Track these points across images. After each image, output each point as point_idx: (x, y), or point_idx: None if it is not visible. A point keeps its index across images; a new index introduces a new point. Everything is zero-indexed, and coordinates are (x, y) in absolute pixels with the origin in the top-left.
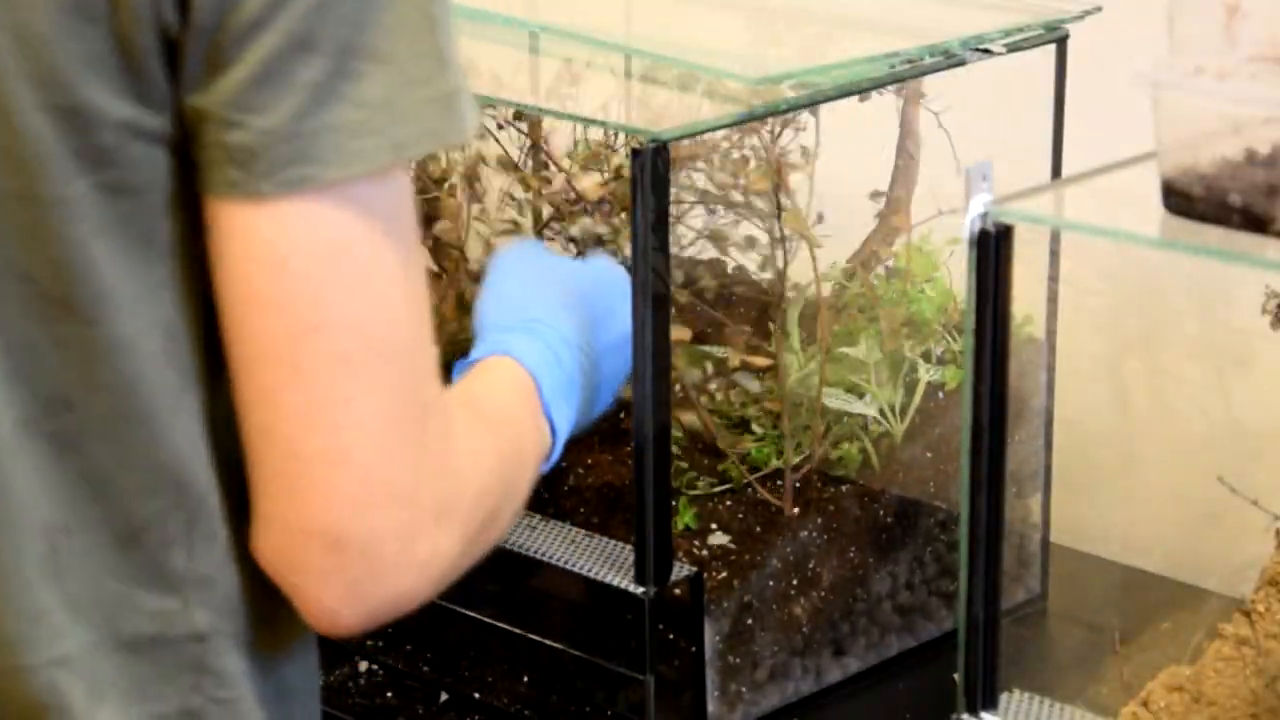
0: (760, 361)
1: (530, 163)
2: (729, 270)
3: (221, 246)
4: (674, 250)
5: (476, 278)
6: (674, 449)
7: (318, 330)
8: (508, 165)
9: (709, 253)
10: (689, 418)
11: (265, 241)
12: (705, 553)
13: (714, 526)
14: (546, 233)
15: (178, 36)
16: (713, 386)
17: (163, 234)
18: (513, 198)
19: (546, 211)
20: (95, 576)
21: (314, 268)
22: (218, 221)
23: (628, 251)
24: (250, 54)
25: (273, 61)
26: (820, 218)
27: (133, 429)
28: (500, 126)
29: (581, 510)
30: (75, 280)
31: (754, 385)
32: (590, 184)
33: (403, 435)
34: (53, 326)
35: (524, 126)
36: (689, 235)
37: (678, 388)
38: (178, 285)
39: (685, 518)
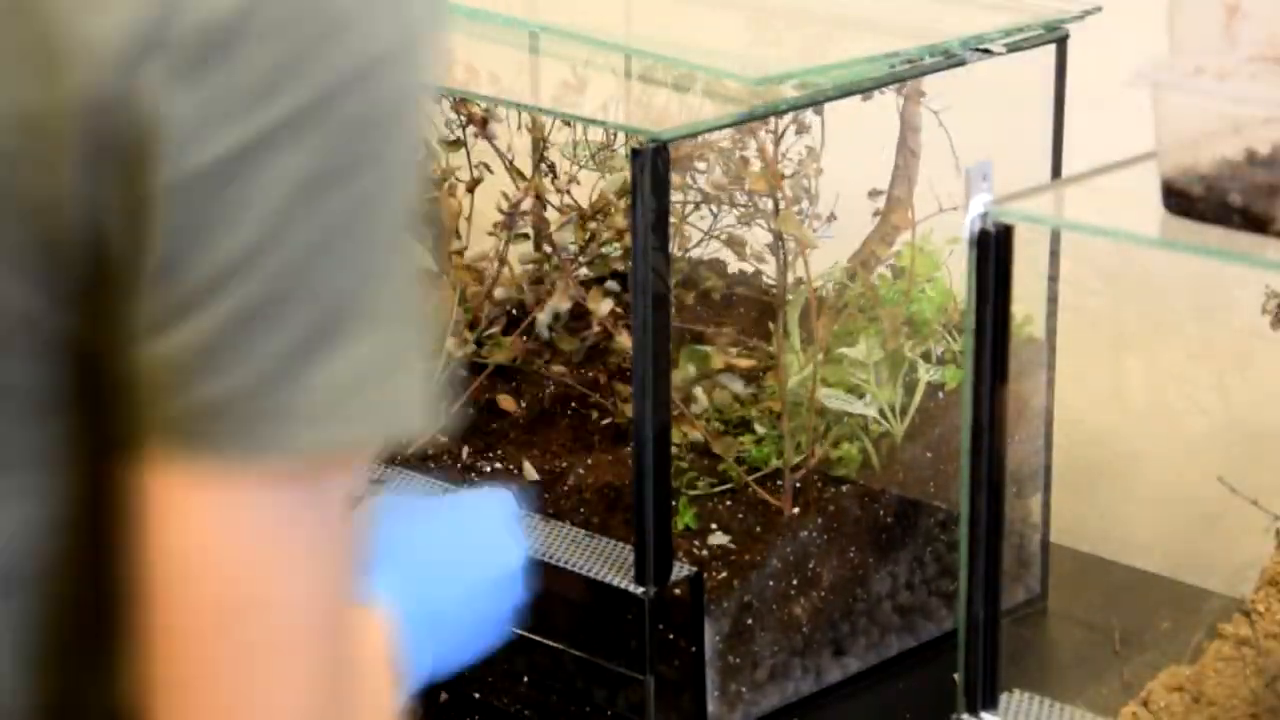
0: (744, 364)
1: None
2: (729, 271)
3: (149, 507)
4: (677, 252)
5: (477, 277)
6: (674, 449)
7: (238, 616)
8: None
9: (707, 252)
10: (684, 424)
11: (197, 514)
12: (705, 553)
13: (714, 526)
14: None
15: (123, 252)
16: (699, 390)
17: (20, 441)
18: (507, 198)
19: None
20: None
21: (244, 552)
22: (148, 479)
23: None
24: (220, 308)
25: (236, 323)
26: (832, 217)
27: None
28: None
29: (581, 510)
30: None
31: (738, 386)
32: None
33: (315, 710)
34: None
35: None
36: (692, 236)
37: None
38: (27, 504)
39: (685, 518)
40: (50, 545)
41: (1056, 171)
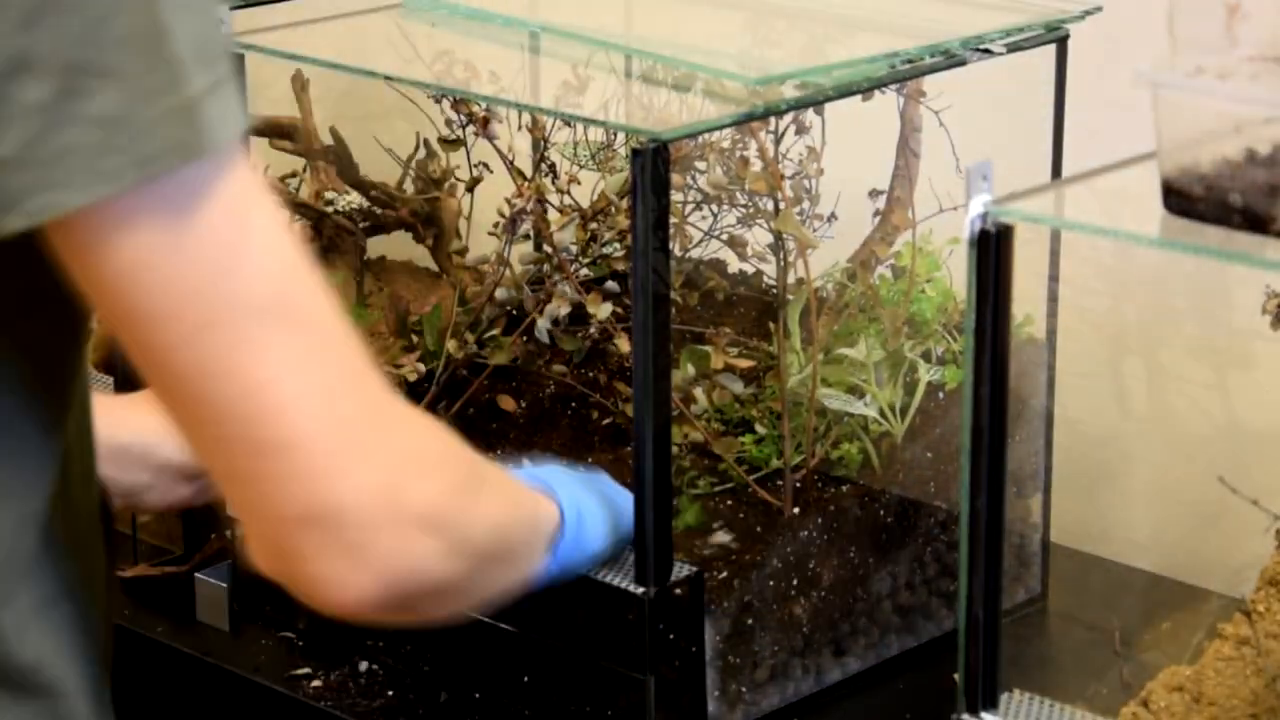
0: (744, 364)
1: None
2: (729, 271)
3: (73, 279)
4: (678, 252)
5: (477, 278)
6: (675, 448)
7: (191, 327)
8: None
9: (707, 253)
10: (684, 424)
11: (87, 269)
12: (708, 552)
13: (717, 525)
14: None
15: None
16: (699, 390)
17: None
18: (510, 203)
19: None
20: None
21: (144, 277)
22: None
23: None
24: None
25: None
26: (833, 217)
27: None
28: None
29: None
30: None
31: (737, 386)
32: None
33: (345, 397)
34: None
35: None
36: (693, 236)
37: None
38: None
39: (688, 516)
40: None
41: (1056, 171)
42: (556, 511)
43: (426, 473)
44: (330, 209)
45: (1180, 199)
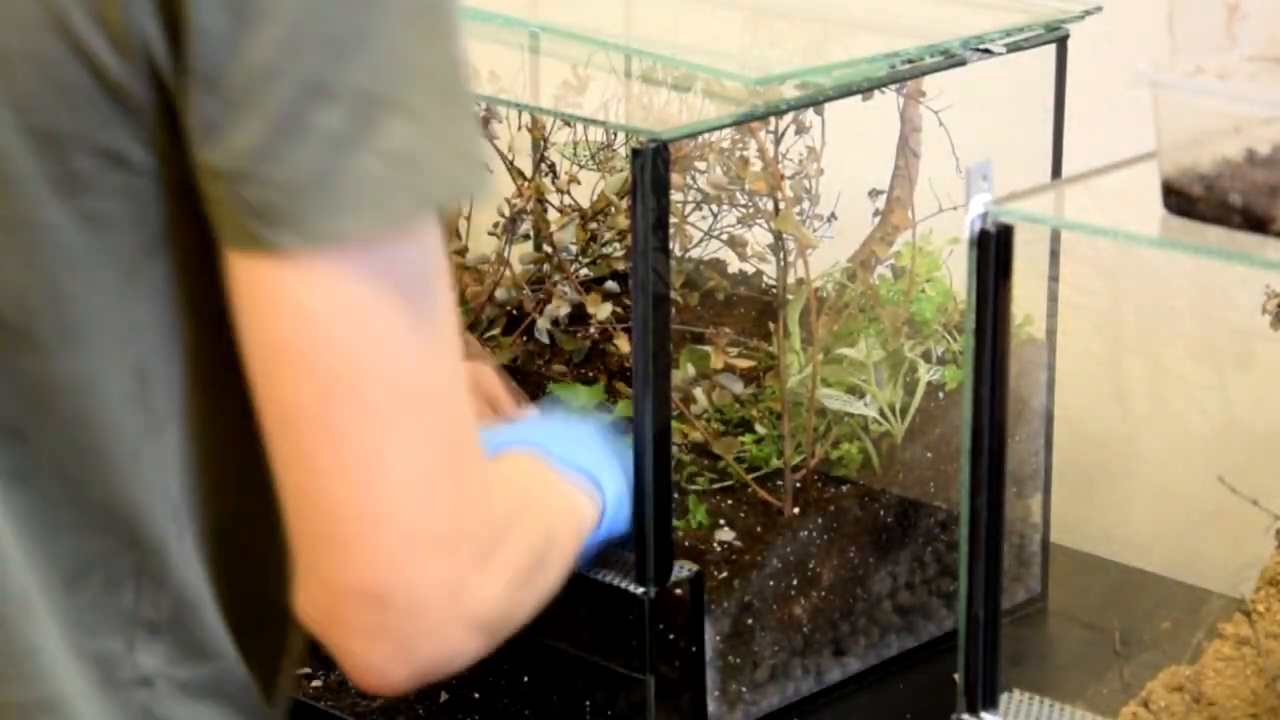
0: (744, 364)
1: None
2: (729, 271)
3: (244, 303)
4: (678, 252)
5: (478, 278)
6: (676, 448)
7: (347, 387)
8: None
9: (708, 252)
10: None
11: (291, 298)
12: (716, 547)
13: (721, 522)
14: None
15: (174, 81)
16: (699, 390)
17: (147, 275)
18: (510, 203)
19: (555, 216)
20: (42, 615)
21: (341, 324)
22: (239, 277)
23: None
24: (264, 105)
25: (289, 111)
26: (833, 217)
27: (86, 468)
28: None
29: None
30: (37, 310)
31: (737, 387)
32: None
33: (440, 486)
34: (9, 355)
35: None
36: (693, 236)
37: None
38: (160, 329)
39: (698, 515)
40: (182, 372)
41: (1056, 171)
42: (596, 513)
43: (493, 570)
44: None
45: (1180, 199)
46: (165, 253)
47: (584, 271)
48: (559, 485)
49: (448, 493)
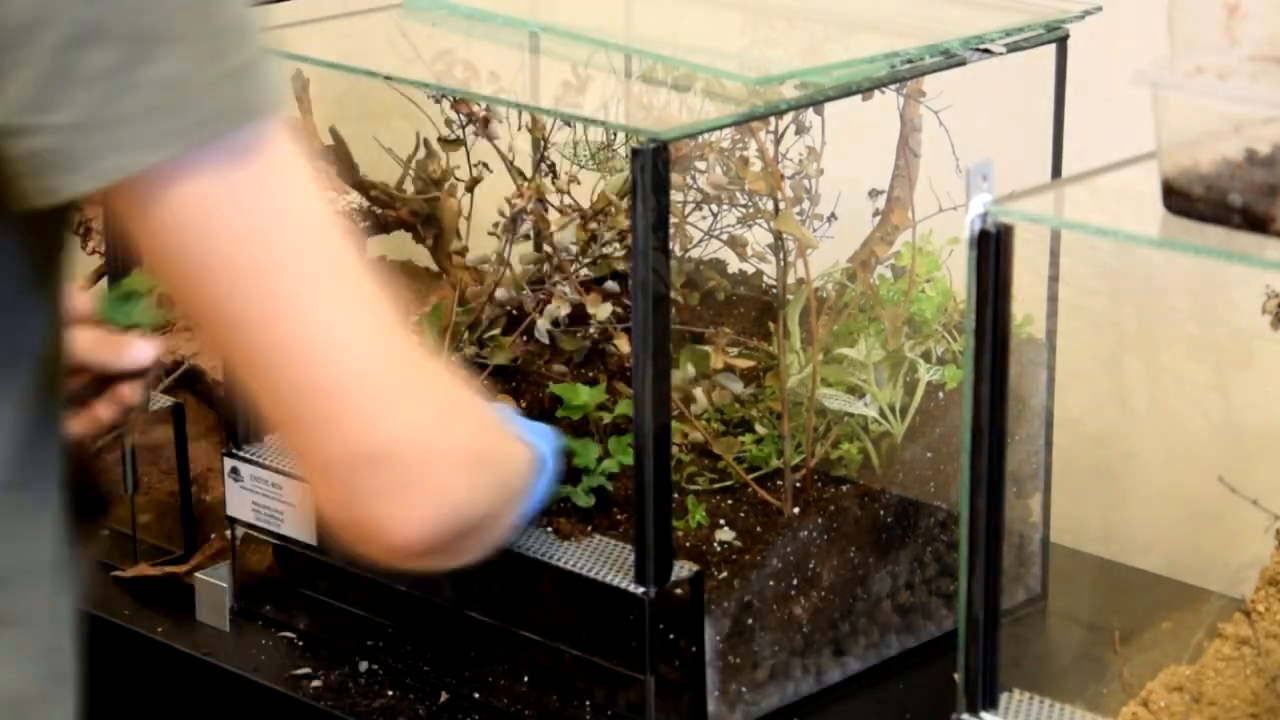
0: (744, 364)
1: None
2: (729, 270)
3: (136, 238)
4: (678, 252)
5: (477, 278)
6: (676, 448)
7: (254, 275)
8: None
9: (708, 252)
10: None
11: (152, 226)
12: (716, 547)
13: (721, 522)
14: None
15: None
16: (699, 390)
17: None
18: (510, 203)
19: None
20: None
21: (200, 230)
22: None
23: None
24: (33, 54)
25: (59, 58)
26: (833, 217)
27: None
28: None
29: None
30: None
31: (736, 386)
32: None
33: (390, 343)
34: None
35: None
36: (693, 236)
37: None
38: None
39: (698, 515)
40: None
41: (1056, 171)
42: (536, 457)
43: (466, 411)
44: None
45: (1180, 199)
46: None
47: (584, 272)
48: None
49: (396, 346)
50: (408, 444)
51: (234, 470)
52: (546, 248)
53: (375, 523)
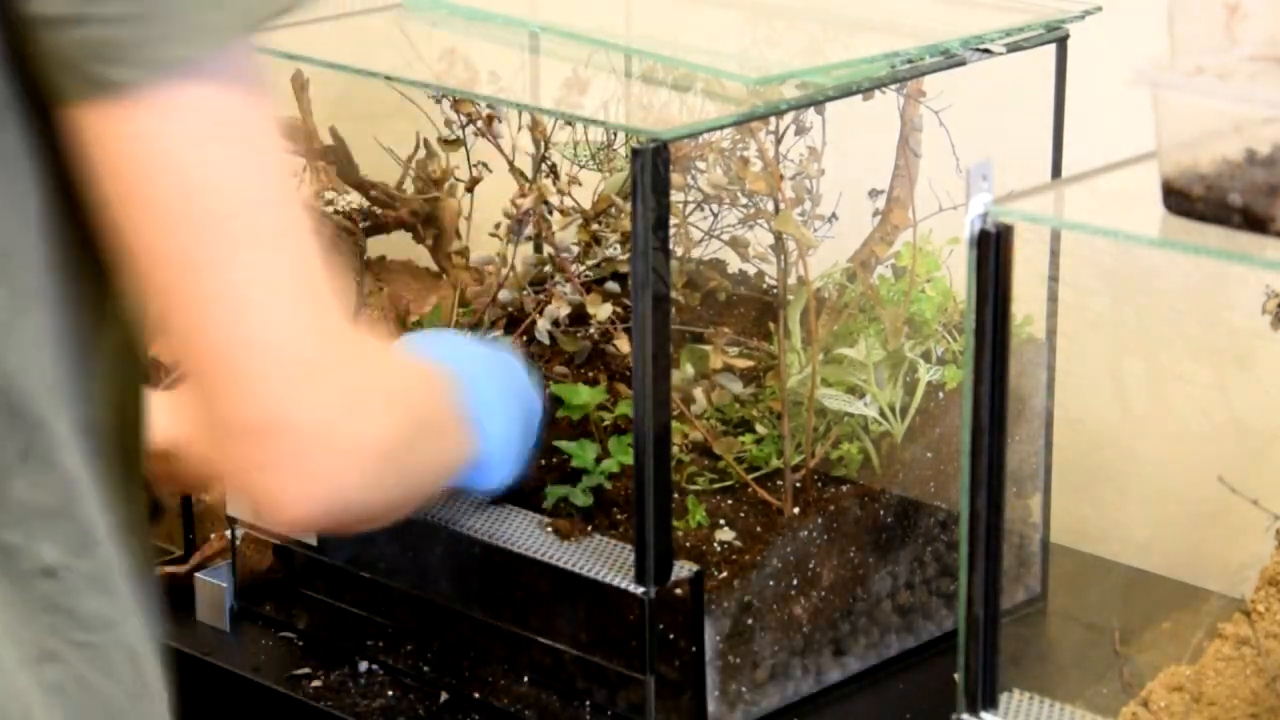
0: (744, 364)
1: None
2: (729, 270)
3: (93, 156)
4: (679, 252)
5: (478, 278)
6: (676, 448)
7: (201, 218)
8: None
9: (708, 252)
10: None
11: (135, 135)
12: (716, 547)
13: (721, 522)
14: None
15: None
16: (699, 390)
17: None
18: (515, 205)
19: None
20: None
21: (192, 153)
22: (84, 132)
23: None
24: None
25: None
26: (833, 217)
27: None
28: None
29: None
30: None
31: (736, 387)
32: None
33: (308, 312)
34: None
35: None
36: (693, 236)
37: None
38: (11, 203)
39: (698, 515)
40: (43, 253)
41: (1056, 171)
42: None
43: (381, 409)
44: (330, 209)
45: (1180, 199)
46: (12, 127)
47: (585, 272)
48: (446, 386)
49: (316, 319)
50: (301, 423)
51: None
52: (547, 249)
53: (257, 491)
